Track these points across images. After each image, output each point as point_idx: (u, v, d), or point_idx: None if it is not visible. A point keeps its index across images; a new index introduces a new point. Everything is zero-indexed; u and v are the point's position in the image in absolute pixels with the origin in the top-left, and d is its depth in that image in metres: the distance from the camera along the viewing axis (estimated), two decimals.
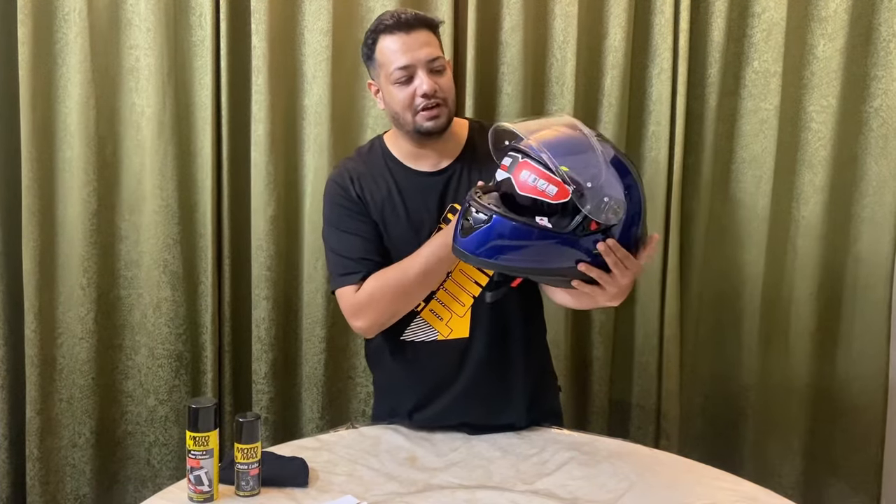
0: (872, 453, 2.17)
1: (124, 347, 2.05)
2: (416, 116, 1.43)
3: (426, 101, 1.41)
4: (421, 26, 1.43)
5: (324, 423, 2.07)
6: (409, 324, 1.51)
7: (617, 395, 2.20)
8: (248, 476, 1.24)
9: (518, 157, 1.21)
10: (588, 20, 2.06)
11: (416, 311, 1.50)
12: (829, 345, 2.19)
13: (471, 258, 1.25)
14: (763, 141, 2.10)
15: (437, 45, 1.46)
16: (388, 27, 1.42)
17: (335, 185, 1.52)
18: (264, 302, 2.03)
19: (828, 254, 2.15)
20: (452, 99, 1.46)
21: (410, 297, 1.45)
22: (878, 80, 2.10)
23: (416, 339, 1.51)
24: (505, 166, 1.21)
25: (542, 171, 1.18)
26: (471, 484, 1.32)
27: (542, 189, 1.18)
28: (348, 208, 1.49)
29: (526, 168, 1.18)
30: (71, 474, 2.03)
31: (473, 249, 1.23)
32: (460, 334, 1.50)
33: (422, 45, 1.41)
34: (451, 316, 1.50)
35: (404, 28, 1.41)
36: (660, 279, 2.12)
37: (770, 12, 2.06)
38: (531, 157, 1.20)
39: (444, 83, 1.43)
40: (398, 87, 1.42)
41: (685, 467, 1.41)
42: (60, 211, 1.98)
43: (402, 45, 1.41)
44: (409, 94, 1.42)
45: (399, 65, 1.41)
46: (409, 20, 1.42)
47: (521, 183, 1.19)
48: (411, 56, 1.40)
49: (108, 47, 1.97)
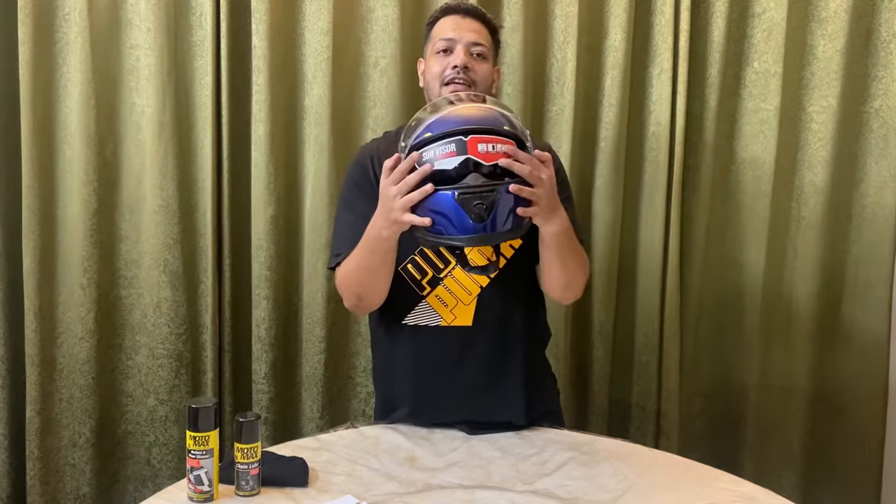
0: (872, 453, 2.17)
1: (124, 347, 2.06)
2: (443, 88, 1.50)
3: (455, 73, 1.49)
4: (477, 18, 1.55)
5: (323, 423, 2.07)
6: (413, 308, 1.52)
7: (617, 395, 2.20)
8: (247, 476, 1.24)
9: (461, 138, 1.24)
10: (588, 20, 2.07)
11: (422, 296, 1.51)
12: (829, 345, 2.20)
13: (498, 236, 1.28)
14: (763, 141, 2.10)
15: (488, 39, 1.55)
16: (450, 9, 1.57)
17: (356, 164, 1.56)
18: (264, 302, 2.03)
19: (828, 254, 2.15)
20: (483, 88, 1.51)
21: (367, 278, 1.45)
22: (878, 81, 2.10)
23: (419, 322, 1.52)
24: (453, 152, 1.24)
25: (487, 136, 1.24)
26: (470, 484, 1.32)
27: (503, 151, 1.24)
28: (361, 188, 1.51)
29: (478, 142, 1.23)
30: (71, 474, 2.03)
31: (501, 227, 1.26)
32: (464, 322, 1.51)
33: (471, 29, 1.53)
34: (457, 303, 1.50)
35: (462, 13, 1.55)
36: (660, 279, 2.12)
37: (770, 13, 2.06)
38: (457, 134, 1.24)
39: (479, 68, 1.51)
40: (437, 57, 1.53)
41: (685, 467, 1.41)
42: (61, 211, 1.98)
43: (454, 24, 1.54)
44: (443, 65, 1.51)
45: (444, 37, 1.53)
46: (469, 8, 1.56)
47: (484, 156, 1.23)
48: (458, 33, 1.52)
49: (108, 47, 1.98)
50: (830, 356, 2.20)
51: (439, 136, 1.25)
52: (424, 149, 1.26)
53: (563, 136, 2.06)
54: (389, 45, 2.01)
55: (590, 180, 2.12)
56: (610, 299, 2.15)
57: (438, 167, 1.24)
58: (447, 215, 1.25)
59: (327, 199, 2.02)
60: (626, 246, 2.17)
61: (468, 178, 1.23)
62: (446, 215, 1.25)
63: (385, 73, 2.03)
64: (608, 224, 2.11)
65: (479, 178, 1.23)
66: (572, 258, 1.45)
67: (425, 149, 1.26)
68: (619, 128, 2.08)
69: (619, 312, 2.18)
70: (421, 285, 1.51)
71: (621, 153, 2.10)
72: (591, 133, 2.12)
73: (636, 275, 2.17)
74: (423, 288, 1.51)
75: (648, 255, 2.13)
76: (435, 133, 1.25)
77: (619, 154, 2.09)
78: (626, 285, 2.18)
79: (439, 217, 1.26)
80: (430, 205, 1.26)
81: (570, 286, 1.50)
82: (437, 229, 1.27)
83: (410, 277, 1.51)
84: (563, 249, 1.41)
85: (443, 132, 1.24)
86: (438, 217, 1.26)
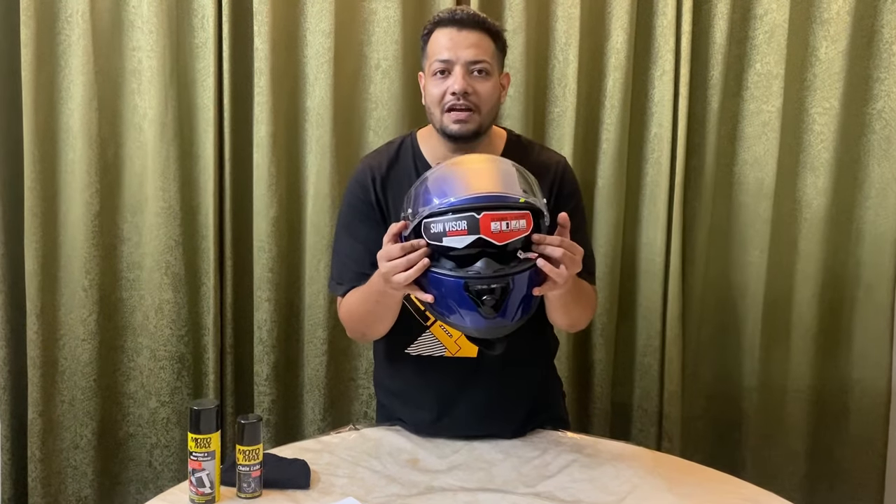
0: (875, 456, 2.16)
1: (126, 349, 2.05)
2: (444, 115, 1.39)
3: (454, 100, 1.37)
4: (475, 27, 1.39)
5: (325, 425, 2.07)
6: (416, 338, 1.48)
7: (619, 397, 2.20)
8: (249, 478, 1.24)
9: (473, 215, 1.14)
10: (590, 22, 2.06)
11: (426, 326, 1.46)
12: (832, 347, 2.19)
13: (508, 328, 1.22)
14: (765, 143, 2.10)
15: (490, 49, 1.40)
16: (443, 21, 1.41)
17: (357, 184, 1.48)
18: (266, 304, 2.03)
19: (830, 256, 2.15)
20: (489, 108, 1.40)
21: (372, 321, 1.42)
22: (880, 83, 2.10)
23: (422, 353, 1.48)
24: (464, 230, 1.14)
25: (501, 213, 1.15)
26: (472, 486, 1.32)
27: (517, 228, 1.16)
28: (362, 212, 1.46)
29: (491, 220, 1.14)
30: (72, 476, 2.03)
31: (511, 319, 1.20)
32: (468, 353, 1.46)
33: (469, 45, 1.38)
34: (461, 335, 1.44)
35: (457, 24, 1.39)
36: (662, 281, 2.12)
37: (772, 14, 2.06)
38: (470, 210, 1.15)
39: (482, 88, 1.38)
40: (435, 80, 1.40)
41: (687, 470, 1.41)
42: (63, 212, 1.98)
43: (449, 41, 1.38)
44: (442, 90, 1.38)
45: (440, 58, 1.38)
46: (464, 18, 1.39)
47: (497, 236, 1.14)
48: (454, 52, 1.37)
49: (110, 49, 1.98)
50: (833, 358, 2.19)
51: (449, 209, 1.15)
52: (433, 220, 1.17)
53: (564, 137, 2.06)
54: (391, 47, 2.01)
55: (592, 182, 2.11)
56: (612, 301, 2.14)
57: (447, 244, 1.15)
58: (455, 300, 1.18)
59: (329, 200, 2.02)
60: (628, 248, 2.16)
61: (479, 264, 1.15)
62: (455, 301, 1.18)
63: (387, 74, 2.03)
64: (610, 226, 2.10)
65: (490, 265, 1.15)
66: (576, 307, 1.41)
67: (434, 220, 1.16)
68: (621, 130, 2.08)
69: (620, 314, 2.17)
70: (424, 315, 1.45)
71: (623, 155, 2.10)
72: (593, 135, 2.12)
73: (638, 277, 2.16)
74: (427, 318, 1.46)
75: (650, 256, 2.13)
76: (444, 206, 1.16)
77: (621, 156, 2.09)
78: (628, 287, 2.17)
79: (446, 299, 1.19)
80: (437, 284, 1.19)
81: (575, 326, 1.50)
82: (441, 311, 1.22)
83: (414, 308, 1.45)
84: (568, 304, 1.37)
85: (453, 206, 1.15)
86: (445, 299, 1.19)
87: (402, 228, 1.22)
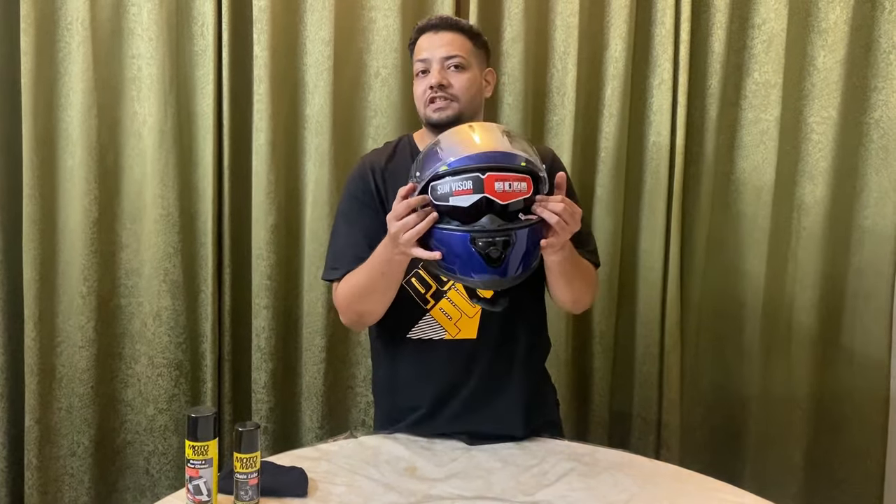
0: (874, 464, 2.16)
1: (124, 356, 2.05)
2: (426, 108, 1.52)
3: (432, 92, 1.49)
4: (448, 28, 1.54)
5: (323, 433, 2.06)
6: (417, 321, 1.51)
7: (617, 405, 2.19)
8: (247, 486, 1.24)
9: (478, 175, 1.21)
10: (589, 31, 2.07)
11: (426, 309, 1.50)
12: (830, 355, 2.19)
13: (510, 280, 1.27)
14: (763, 152, 2.10)
15: (465, 46, 1.53)
16: (422, 28, 1.57)
17: (356, 176, 1.56)
18: (264, 311, 2.03)
19: (828, 264, 2.15)
20: (468, 98, 1.51)
21: (374, 298, 1.45)
22: (878, 92, 2.11)
23: (423, 336, 1.51)
24: (470, 189, 1.21)
25: (504, 175, 1.22)
26: (470, 495, 1.31)
27: (519, 189, 1.22)
28: (362, 200, 1.52)
29: (495, 180, 1.21)
30: (69, 483, 2.02)
31: (513, 272, 1.25)
32: (468, 335, 1.51)
33: (443, 44, 1.52)
34: (461, 316, 1.50)
35: (433, 28, 1.55)
36: (660, 289, 2.12)
37: (770, 23, 2.07)
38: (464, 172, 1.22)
39: (457, 81, 1.51)
40: (417, 79, 1.55)
41: (686, 478, 1.40)
42: (61, 219, 1.98)
43: (427, 42, 1.54)
44: (423, 86, 1.52)
45: (419, 58, 1.54)
46: (438, 23, 1.55)
47: (500, 195, 1.21)
48: (430, 52, 1.52)
49: (110, 57, 1.98)
50: (831, 367, 2.19)
51: (455, 170, 1.22)
52: (439, 181, 1.24)
53: (563, 146, 2.06)
54: (391, 56, 2.02)
55: (590, 190, 2.12)
56: (610, 309, 2.14)
57: (453, 203, 1.22)
58: (460, 255, 1.24)
59: (328, 208, 2.02)
60: (626, 256, 2.17)
61: (484, 220, 1.22)
62: (459, 255, 1.24)
63: (386, 82, 2.03)
64: (609, 234, 2.11)
65: (494, 220, 1.22)
66: (577, 278, 1.45)
67: (440, 182, 1.23)
68: (620, 138, 2.08)
69: (619, 323, 2.17)
70: (425, 299, 1.50)
71: (622, 163, 2.10)
72: (591, 143, 2.12)
73: (637, 285, 2.17)
74: (427, 301, 1.50)
75: (649, 265, 2.13)
76: (451, 167, 1.23)
77: (620, 164, 2.10)
78: (627, 295, 2.17)
79: (452, 255, 1.25)
80: (443, 241, 1.25)
81: (579, 302, 1.53)
82: (448, 266, 1.27)
83: (414, 291, 1.50)
84: (569, 273, 1.42)
85: (459, 167, 1.22)
86: (451, 255, 1.25)
87: (410, 191, 1.27)
